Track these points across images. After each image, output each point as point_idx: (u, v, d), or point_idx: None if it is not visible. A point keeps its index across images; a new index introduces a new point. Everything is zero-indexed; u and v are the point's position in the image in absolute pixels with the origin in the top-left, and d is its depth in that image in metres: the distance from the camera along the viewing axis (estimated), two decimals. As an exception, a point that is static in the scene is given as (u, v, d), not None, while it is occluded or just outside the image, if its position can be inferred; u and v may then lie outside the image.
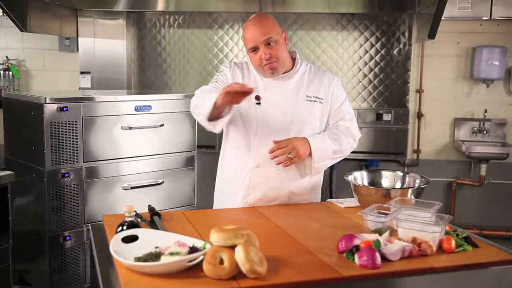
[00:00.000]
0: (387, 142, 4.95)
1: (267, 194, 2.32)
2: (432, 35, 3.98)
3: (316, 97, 2.35)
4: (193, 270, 1.45)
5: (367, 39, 4.95)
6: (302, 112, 2.32)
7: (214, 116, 2.17)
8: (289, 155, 2.21)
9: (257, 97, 2.33)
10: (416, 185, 2.18)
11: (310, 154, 2.27)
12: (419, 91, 5.00)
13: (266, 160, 2.29)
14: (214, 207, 2.51)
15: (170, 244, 1.51)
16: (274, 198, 2.33)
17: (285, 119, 2.31)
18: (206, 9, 5.02)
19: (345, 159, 2.51)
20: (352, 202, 2.23)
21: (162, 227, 1.85)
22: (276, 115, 2.31)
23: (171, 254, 1.45)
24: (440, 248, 1.66)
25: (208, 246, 1.50)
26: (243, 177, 2.35)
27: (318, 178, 2.45)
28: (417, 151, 5.06)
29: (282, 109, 2.31)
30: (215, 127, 2.24)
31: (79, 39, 5.08)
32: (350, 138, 2.37)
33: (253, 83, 2.37)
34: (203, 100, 2.21)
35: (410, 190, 2.09)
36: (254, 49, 2.27)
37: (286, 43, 2.34)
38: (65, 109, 3.26)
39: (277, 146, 2.22)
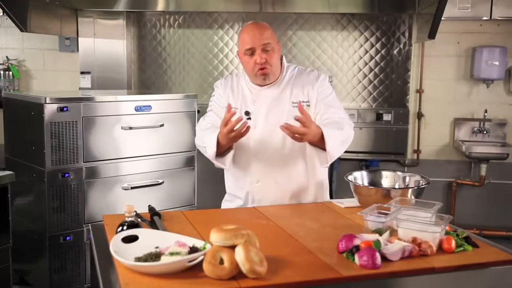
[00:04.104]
0: (387, 142, 4.95)
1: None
2: (432, 35, 3.98)
3: (302, 101, 2.31)
4: (193, 270, 1.45)
5: (367, 39, 4.95)
6: (290, 121, 2.25)
7: (221, 152, 2.27)
8: (296, 135, 2.15)
9: (247, 113, 2.34)
10: (416, 185, 2.18)
11: (318, 145, 2.24)
12: (419, 91, 5.00)
13: (265, 175, 2.31)
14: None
15: (170, 244, 1.51)
16: None
17: (276, 130, 2.25)
18: (206, 9, 5.02)
19: (345, 159, 2.51)
20: (352, 202, 2.23)
21: (162, 227, 1.85)
22: (267, 128, 2.30)
23: (171, 254, 1.45)
24: (440, 248, 1.66)
25: (208, 246, 1.49)
26: (245, 193, 2.36)
27: (320, 183, 2.44)
28: (417, 151, 5.06)
29: (271, 121, 2.30)
30: (225, 164, 2.30)
31: (79, 39, 5.07)
32: (347, 125, 2.32)
33: (241, 97, 2.37)
34: (205, 141, 2.30)
35: (410, 190, 2.08)
36: (251, 52, 2.26)
37: (279, 54, 2.35)
38: (65, 109, 3.26)
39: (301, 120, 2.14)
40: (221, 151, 2.27)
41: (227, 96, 2.41)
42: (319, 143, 2.22)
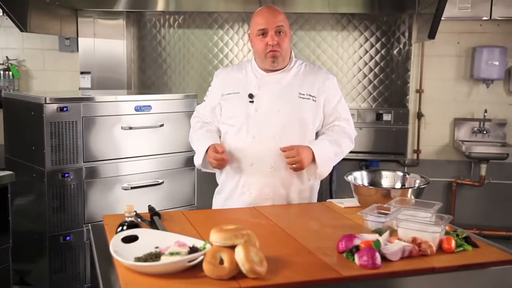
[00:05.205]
0: (387, 142, 4.95)
1: (262, 192, 2.33)
2: (432, 35, 3.98)
3: (309, 95, 2.35)
4: (193, 270, 1.45)
5: (367, 39, 4.95)
6: (294, 109, 2.33)
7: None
8: (294, 165, 2.25)
9: (250, 95, 2.34)
10: (416, 185, 2.18)
11: (313, 160, 2.28)
12: (419, 91, 5.00)
13: (260, 158, 2.31)
14: (213, 206, 2.51)
15: (170, 244, 1.51)
16: (270, 196, 2.33)
17: (277, 116, 2.31)
18: (206, 9, 5.02)
19: (345, 159, 2.52)
20: (352, 202, 2.23)
21: (162, 227, 1.85)
22: (269, 112, 2.32)
23: (171, 254, 1.45)
24: (440, 248, 1.66)
25: (208, 246, 1.49)
26: (238, 176, 2.36)
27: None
28: (417, 151, 5.06)
29: (275, 106, 2.32)
30: (213, 170, 2.43)
31: (79, 39, 5.07)
32: (347, 139, 2.40)
33: (244, 82, 2.39)
34: (194, 147, 2.43)
35: (410, 190, 2.08)
36: (263, 33, 2.29)
37: (290, 40, 2.39)
38: (65, 109, 3.26)
39: (285, 155, 2.26)
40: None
41: (227, 84, 2.42)
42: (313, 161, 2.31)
